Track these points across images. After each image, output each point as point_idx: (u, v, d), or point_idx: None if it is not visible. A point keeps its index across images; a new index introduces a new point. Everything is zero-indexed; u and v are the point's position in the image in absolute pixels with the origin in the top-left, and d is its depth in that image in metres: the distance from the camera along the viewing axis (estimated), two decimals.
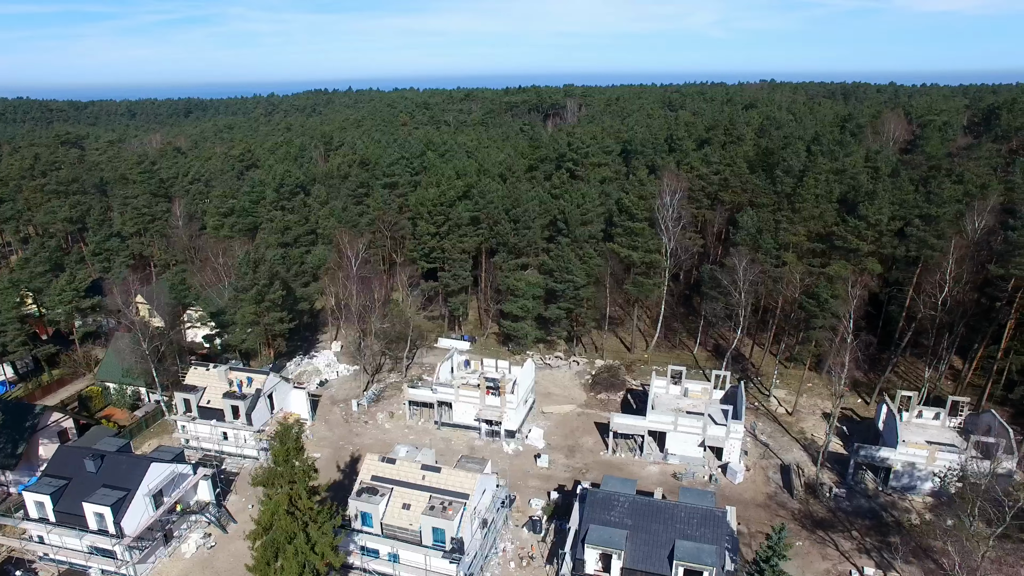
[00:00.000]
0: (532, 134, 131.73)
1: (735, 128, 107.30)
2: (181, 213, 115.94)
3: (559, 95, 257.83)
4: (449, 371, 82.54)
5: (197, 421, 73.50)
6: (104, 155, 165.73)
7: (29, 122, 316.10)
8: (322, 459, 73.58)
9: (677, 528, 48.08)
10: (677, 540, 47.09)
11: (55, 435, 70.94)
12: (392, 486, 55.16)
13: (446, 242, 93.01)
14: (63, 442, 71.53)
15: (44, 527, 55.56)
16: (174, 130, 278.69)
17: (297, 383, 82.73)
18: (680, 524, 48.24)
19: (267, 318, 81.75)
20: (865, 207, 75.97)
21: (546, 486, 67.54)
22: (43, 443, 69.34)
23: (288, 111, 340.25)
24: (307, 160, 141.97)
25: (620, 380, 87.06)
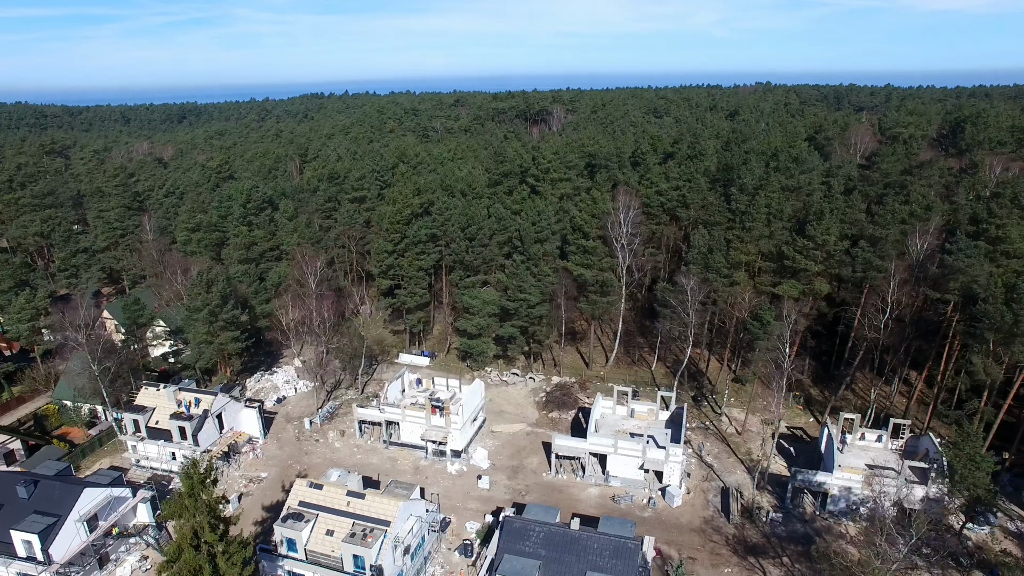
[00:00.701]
0: (498, 148, 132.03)
1: (698, 143, 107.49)
2: (151, 227, 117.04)
3: (547, 100, 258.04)
4: (399, 390, 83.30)
5: (146, 441, 74.48)
6: (86, 165, 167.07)
7: (24, 128, 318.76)
8: (269, 479, 74.56)
9: (589, 560, 48.57)
10: (588, 572, 47.62)
11: (0, 457, 72.01)
12: (318, 512, 55.91)
13: (403, 260, 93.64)
14: (9, 464, 72.85)
15: None
16: (165, 136, 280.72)
17: (251, 401, 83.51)
18: (593, 555, 48.73)
19: (220, 337, 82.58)
20: (813, 227, 76.22)
21: (484, 508, 68.09)
22: None
23: (280, 116, 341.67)
24: (281, 172, 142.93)
25: (572, 398, 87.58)
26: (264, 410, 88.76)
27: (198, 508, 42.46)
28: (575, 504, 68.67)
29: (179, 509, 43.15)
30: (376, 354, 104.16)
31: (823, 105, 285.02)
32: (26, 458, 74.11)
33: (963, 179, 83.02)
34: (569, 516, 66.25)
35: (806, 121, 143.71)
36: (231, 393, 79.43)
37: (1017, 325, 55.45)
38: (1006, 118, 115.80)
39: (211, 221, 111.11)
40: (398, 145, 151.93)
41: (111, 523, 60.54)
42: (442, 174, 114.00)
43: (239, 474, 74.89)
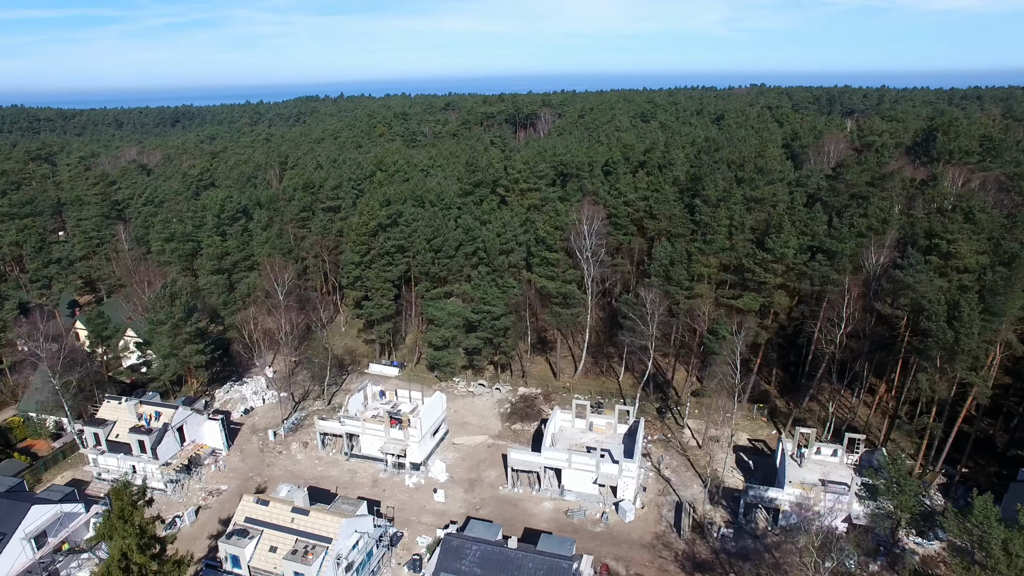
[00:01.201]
0: (470, 158, 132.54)
1: (669, 152, 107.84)
2: (127, 236, 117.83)
3: (536, 104, 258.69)
4: (361, 402, 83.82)
5: (106, 454, 75.12)
6: (69, 173, 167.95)
7: (16, 132, 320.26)
8: (228, 491, 75.13)
9: (529, 567, 49.04)
10: None
11: None
12: (263, 528, 56.51)
13: (369, 271, 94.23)
14: None
15: None
16: (156, 141, 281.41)
17: (215, 413, 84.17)
18: (526, 566, 49.19)
19: (185, 350, 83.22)
20: (772, 240, 76.60)
21: (438, 522, 68.55)
22: None
23: (273, 120, 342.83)
24: (260, 180, 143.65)
25: (536, 410, 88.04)
26: (231, 421, 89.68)
27: (127, 530, 42.99)
28: (528, 518, 69.16)
29: (108, 530, 43.69)
30: (347, 364, 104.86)
31: (814, 108, 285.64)
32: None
33: (924, 191, 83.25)
34: (521, 531, 67.13)
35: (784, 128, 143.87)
36: (193, 406, 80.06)
37: (958, 343, 55.74)
38: (978, 127, 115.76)
39: (185, 231, 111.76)
40: (378, 152, 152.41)
41: (61, 539, 61.18)
42: (415, 183, 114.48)
43: (199, 487, 75.51)
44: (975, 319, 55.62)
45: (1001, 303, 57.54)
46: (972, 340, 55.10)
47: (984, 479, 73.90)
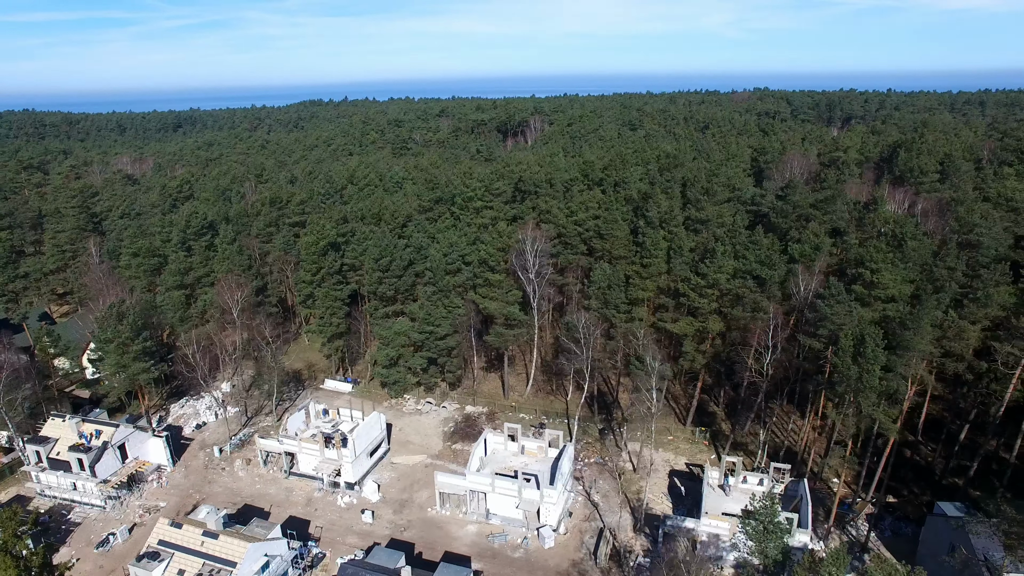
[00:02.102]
0: (430, 174, 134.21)
1: (626, 169, 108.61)
2: (97, 250, 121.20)
3: (528, 111, 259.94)
4: (303, 420, 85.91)
5: (47, 471, 77.90)
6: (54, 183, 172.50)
7: (21, 137, 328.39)
8: (166, 508, 77.45)
9: None
10: None
11: None
12: (174, 551, 58.66)
13: (320, 289, 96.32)
14: None
15: None
16: (155, 147, 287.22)
17: (161, 430, 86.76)
18: None
19: (132, 368, 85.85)
20: (706, 264, 77.35)
21: (361, 544, 70.32)
22: None
23: (272, 125, 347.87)
24: (235, 193, 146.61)
25: (477, 429, 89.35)
26: (183, 436, 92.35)
27: (7, 562, 45.22)
28: (451, 541, 70.68)
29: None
30: (304, 379, 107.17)
31: (813, 115, 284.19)
32: None
33: (866, 215, 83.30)
34: (441, 553, 68.67)
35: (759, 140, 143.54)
36: (137, 424, 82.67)
37: (862, 380, 56.25)
38: (942, 143, 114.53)
39: (151, 245, 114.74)
40: (349, 165, 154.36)
41: None
42: (373, 200, 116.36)
43: (139, 503, 78.00)
44: (878, 355, 56.10)
45: (909, 337, 57.92)
46: (874, 377, 55.55)
47: (913, 509, 74.07)
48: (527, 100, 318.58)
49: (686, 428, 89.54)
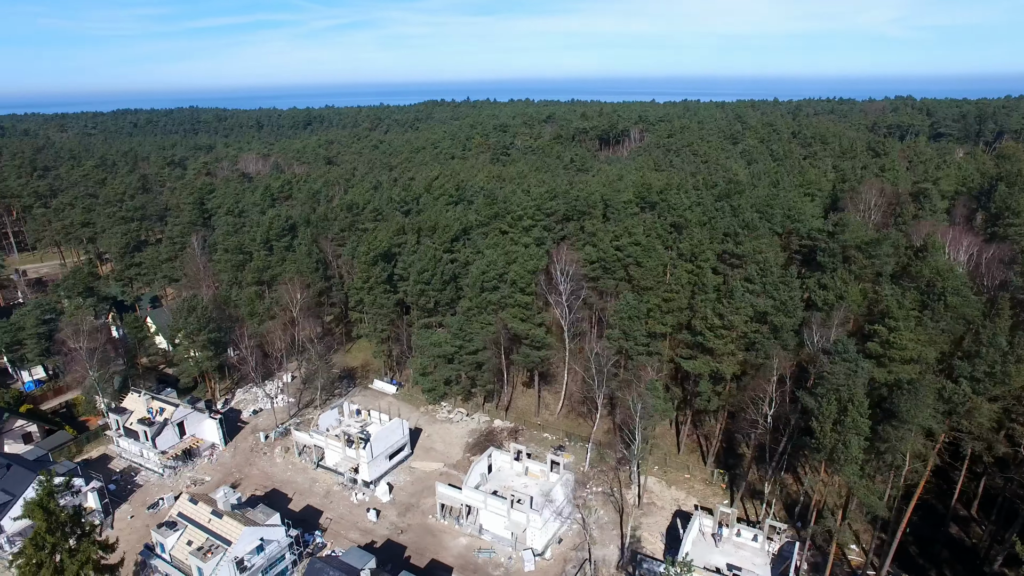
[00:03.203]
0: (489, 190, 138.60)
1: (666, 194, 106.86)
2: (198, 244, 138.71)
3: (631, 120, 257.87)
4: (336, 417, 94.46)
5: (123, 438, 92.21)
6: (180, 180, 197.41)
7: (179, 132, 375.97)
8: (210, 483, 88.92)
9: None
10: None
11: (19, 437, 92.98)
12: (187, 524, 68.39)
13: (368, 296, 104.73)
14: (27, 443, 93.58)
15: None
16: (282, 144, 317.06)
17: (216, 412, 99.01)
18: None
19: (198, 356, 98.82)
20: (723, 304, 76.18)
21: (361, 540, 77.00)
22: (8, 442, 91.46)
23: (390, 125, 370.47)
24: (324, 197, 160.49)
25: (496, 444, 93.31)
26: (240, 420, 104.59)
27: (39, 515, 55.82)
28: (440, 550, 75.47)
29: (28, 513, 56.85)
30: (357, 377, 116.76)
31: (957, 127, 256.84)
32: (42, 439, 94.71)
33: (916, 261, 76.41)
34: (427, 560, 73.69)
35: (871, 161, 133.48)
36: (195, 405, 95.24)
37: (836, 451, 53.94)
38: None
39: (240, 243, 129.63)
40: (432, 174, 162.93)
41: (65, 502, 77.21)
42: (433, 213, 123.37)
43: (189, 475, 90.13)
44: (860, 424, 53.52)
45: (906, 408, 54.52)
46: (853, 448, 53.10)
47: None
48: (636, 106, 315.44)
49: (707, 468, 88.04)
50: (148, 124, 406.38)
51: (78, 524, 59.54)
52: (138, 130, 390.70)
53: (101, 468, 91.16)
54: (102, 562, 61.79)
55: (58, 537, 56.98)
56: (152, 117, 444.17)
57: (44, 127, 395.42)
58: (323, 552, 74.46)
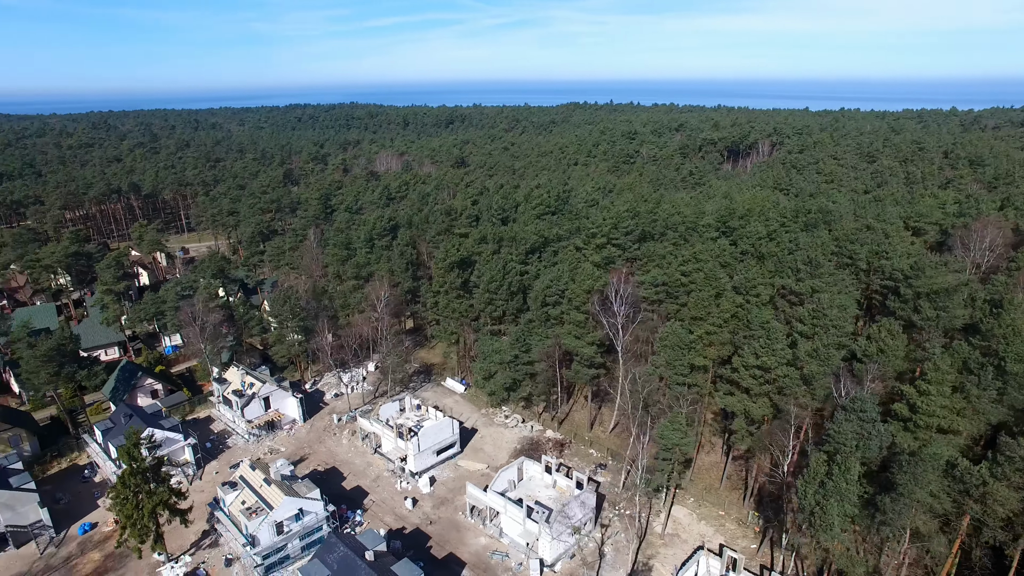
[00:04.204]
0: (576, 210, 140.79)
1: (747, 219, 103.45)
2: (315, 237, 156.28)
3: (764, 132, 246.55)
4: (397, 409, 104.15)
5: (221, 405, 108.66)
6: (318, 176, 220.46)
7: (335, 127, 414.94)
8: (283, 453, 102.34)
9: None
10: None
11: (148, 392, 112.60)
12: (244, 486, 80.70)
13: (442, 300, 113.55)
14: (153, 398, 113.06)
15: (101, 455, 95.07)
16: (420, 143, 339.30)
17: (297, 391, 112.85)
18: None
19: (288, 340, 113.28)
20: (759, 343, 75.33)
21: (395, 524, 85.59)
22: (139, 396, 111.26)
23: (527, 127, 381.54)
24: (433, 199, 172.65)
25: (538, 454, 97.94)
26: (323, 401, 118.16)
27: (125, 460, 69.83)
28: (460, 545, 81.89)
29: (121, 457, 71.16)
30: (434, 374, 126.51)
31: None
32: (164, 397, 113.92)
33: (987, 317, 68.68)
34: (446, 553, 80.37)
35: None
36: (280, 384, 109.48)
37: (814, 516, 52.89)
38: None
39: (347, 239, 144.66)
40: (529, 185, 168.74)
41: (164, 453, 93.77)
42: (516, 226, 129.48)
43: (268, 444, 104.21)
44: (843, 490, 52.19)
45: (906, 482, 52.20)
46: (830, 515, 51.95)
47: None
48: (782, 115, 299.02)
49: (744, 508, 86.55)
50: (310, 119, 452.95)
51: (157, 472, 73.35)
52: (301, 124, 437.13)
53: (204, 428, 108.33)
54: (176, 506, 75.86)
55: (139, 480, 70.85)
56: (315, 112, 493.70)
57: (229, 121, 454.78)
58: (361, 529, 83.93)
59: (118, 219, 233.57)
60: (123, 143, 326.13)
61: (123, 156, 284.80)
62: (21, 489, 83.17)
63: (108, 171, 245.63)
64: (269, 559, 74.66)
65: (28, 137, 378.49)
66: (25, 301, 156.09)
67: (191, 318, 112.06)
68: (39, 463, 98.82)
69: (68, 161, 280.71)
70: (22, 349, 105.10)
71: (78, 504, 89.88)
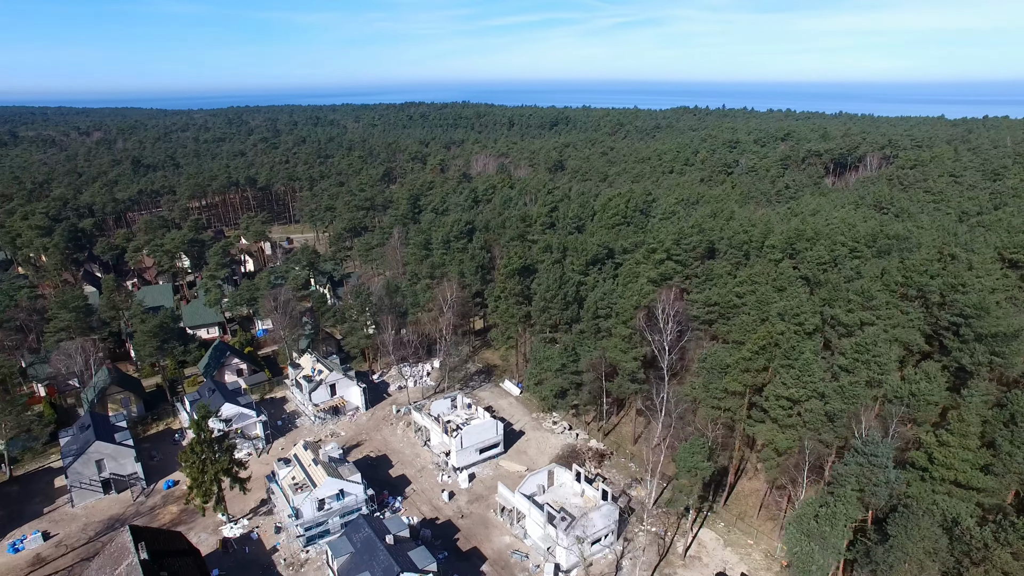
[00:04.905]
0: (653, 227, 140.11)
1: (815, 242, 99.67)
2: (400, 236, 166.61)
3: (876, 145, 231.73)
4: (448, 406, 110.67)
5: (294, 387, 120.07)
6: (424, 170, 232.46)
7: (443, 127, 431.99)
8: (343, 437, 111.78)
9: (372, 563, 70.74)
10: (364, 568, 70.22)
11: (235, 371, 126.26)
12: (296, 463, 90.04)
13: (501, 304, 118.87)
14: (238, 376, 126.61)
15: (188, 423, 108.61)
16: (522, 145, 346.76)
17: (361, 380, 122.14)
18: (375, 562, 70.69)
19: (358, 333, 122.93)
20: (787, 373, 74.68)
21: (429, 514, 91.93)
22: (227, 373, 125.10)
23: (629, 132, 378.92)
24: (518, 204, 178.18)
25: (578, 461, 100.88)
26: (387, 392, 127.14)
27: (195, 430, 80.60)
28: (485, 541, 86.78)
29: (192, 427, 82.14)
30: (494, 374, 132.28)
31: None
32: (248, 376, 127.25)
33: None
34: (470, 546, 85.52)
35: None
36: (347, 373, 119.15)
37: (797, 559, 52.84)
38: None
39: (426, 240, 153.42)
40: (605, 196, 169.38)
41: (237, 427, 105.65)
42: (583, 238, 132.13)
43: (330, 428, 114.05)
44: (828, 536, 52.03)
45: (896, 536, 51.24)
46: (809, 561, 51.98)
47: None
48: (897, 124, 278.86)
49: (775, 539, 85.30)
50: (420, 117, 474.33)
51: (222, 443, 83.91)
52: (411, 122, 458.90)
53: (278, 407, 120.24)
54: (237, 474, 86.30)
55: (205, 448, 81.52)
56: (427, 111, 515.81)
57: (346, 117, 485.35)
58: (398, 515, 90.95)
59: (235, 209, 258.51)
60: (249, 138, 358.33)
61: (247, 151, 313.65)
62: (123, 444, 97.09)
63: (232, 164, 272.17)
64: (310, 531, 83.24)
65: (174, 132, 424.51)
66: (151, 281, 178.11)
67: (273, 306, 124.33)
68: (142, 423, 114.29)
69: (202, 154, 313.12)
70: (136, 323, 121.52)
71: (167, 463, 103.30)
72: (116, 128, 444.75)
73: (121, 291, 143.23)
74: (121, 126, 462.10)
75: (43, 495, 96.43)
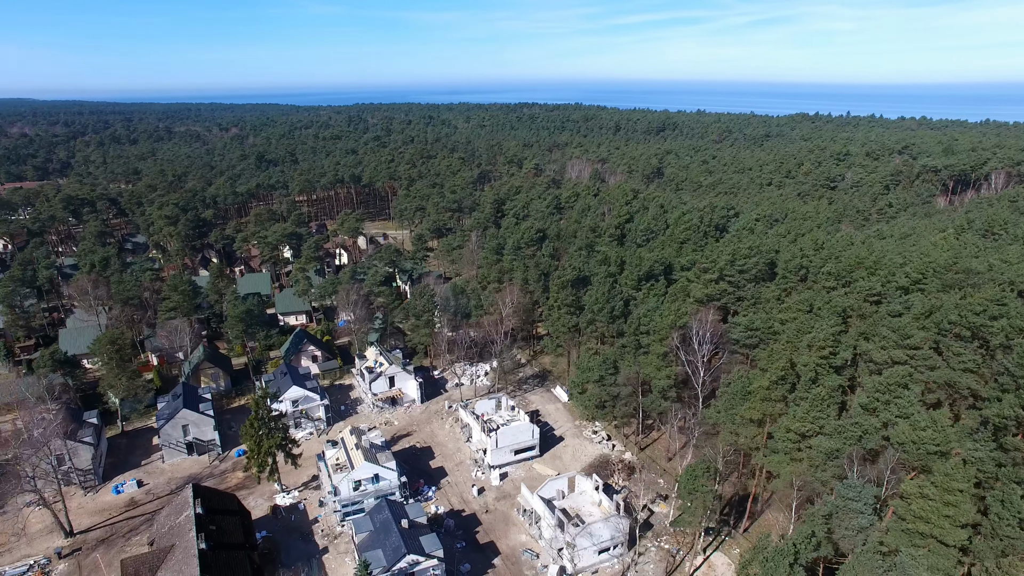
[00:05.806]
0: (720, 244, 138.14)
1: (874, 270, 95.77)
2: (477, 238, 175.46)
3: (1012, 158, 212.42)
4: (492, 406, 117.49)
5: (359, 376, 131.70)
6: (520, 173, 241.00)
7: (549, 128, 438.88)
8: (396, 425, 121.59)
9: (385, 542, 78.96)
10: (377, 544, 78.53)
11: (310, 357, 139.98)
12: (342, 445, 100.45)
13: (554, 313, 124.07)
14: (312, 362, 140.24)
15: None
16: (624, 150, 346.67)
17: (419, 374, 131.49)
18: (388, 542, 78.83)
19: (421, 331, 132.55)
20: (797, 407, 74.95)
21: (457, 505, 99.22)
22: (303, 359, 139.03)
23: (738, 139, 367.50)
24: (594, 212, 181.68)
25: (607, 472, 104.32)
26: (444, 388, 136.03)
27: (253, 407, 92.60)
28: (502, 538, 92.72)
29: (252, 406, 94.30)
30: (548, 379, 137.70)
31: None
32: (321, 363, 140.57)
33: None
34: (488, 539, 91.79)
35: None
36: (405, 367, 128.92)
37: None
38: None
39: (498, 244, 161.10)
40: (678, 211, 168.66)
41: (301, 408, 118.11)
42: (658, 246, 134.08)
43: (387, 416, 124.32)
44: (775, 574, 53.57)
45: None
46: None
47: None
48: None
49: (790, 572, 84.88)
50: (529, 119, 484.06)
51: (277, 421, 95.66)
52: (520, 123, 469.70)
53: (344, 393, 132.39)
54: (290, 451, 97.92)
55: (261, 423, 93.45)
56: (537, 112, 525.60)
57: (458, 117, 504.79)
58: (429, 504, 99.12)
59: (341, 204, 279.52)
60: (363, 137, 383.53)
61: (359, 149, 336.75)
62: (204, 414, 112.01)
63: (343, 161, 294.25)
64: (346, 508, 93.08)
65: (299, 128, 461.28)
66: (256, 269, 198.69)
67: (353, 299, 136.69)
68: (227, 397, 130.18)
69: (318, 151, 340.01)
70: (229, 307, 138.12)
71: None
72: (250, 124, 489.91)
73: (224, 277, 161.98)
74: (255, 123, 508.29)
75: (142, 450, 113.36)
